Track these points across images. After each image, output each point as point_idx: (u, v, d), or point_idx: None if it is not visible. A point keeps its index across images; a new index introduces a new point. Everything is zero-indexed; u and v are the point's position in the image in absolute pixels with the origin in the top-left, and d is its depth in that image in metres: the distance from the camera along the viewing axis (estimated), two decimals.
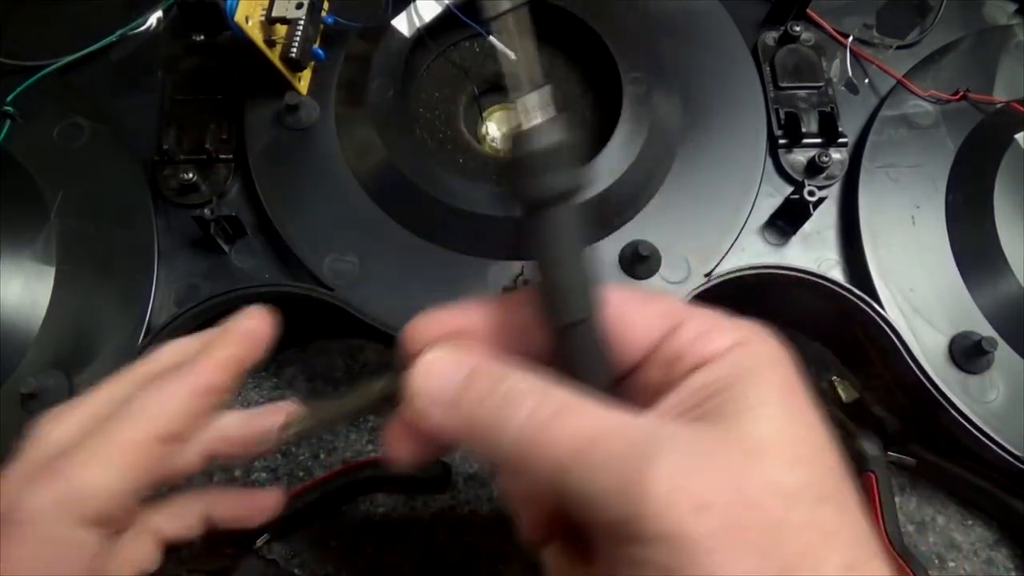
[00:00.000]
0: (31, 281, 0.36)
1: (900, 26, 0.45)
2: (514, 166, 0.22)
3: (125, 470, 0.22)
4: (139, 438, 0.23)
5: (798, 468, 0.18)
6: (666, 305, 0.22)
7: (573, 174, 0.21)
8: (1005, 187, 0.38)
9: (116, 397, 0.24)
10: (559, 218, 0.22)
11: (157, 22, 0.43)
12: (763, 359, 0.21)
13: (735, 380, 0.20)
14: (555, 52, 0.44)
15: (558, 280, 0.22)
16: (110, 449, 0.22)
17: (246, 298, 0.37)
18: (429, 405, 0.21)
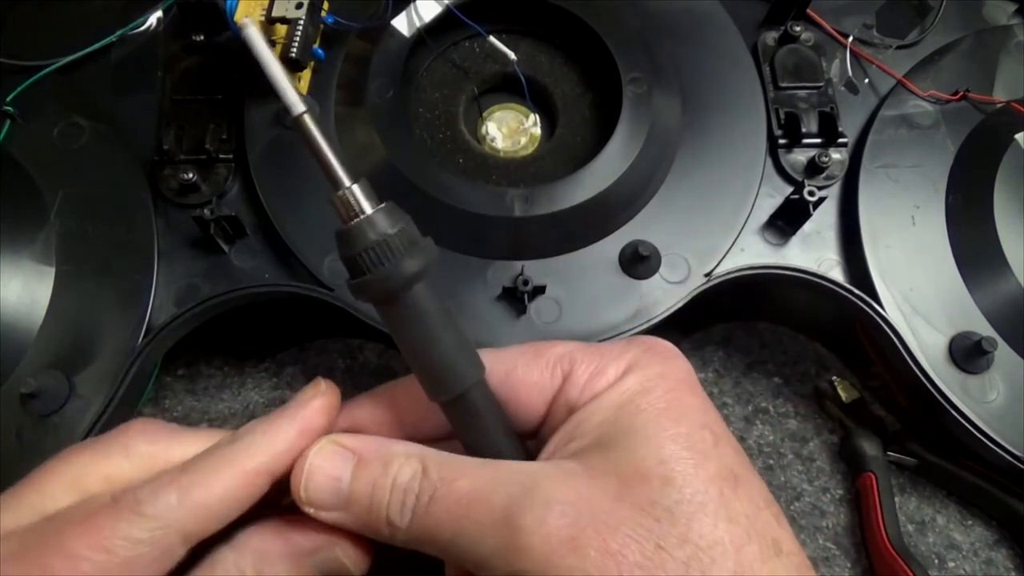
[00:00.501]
0: (31, 281, 0.36)
1: (900, 26, 0.45)
2: (350, 265, 0.22)
3: (234, 498, 0.22)
4: (252, 468, 0.22)
5: (670, 486, 0.19)
6: (556, 354, 0.23)
7: (413, 256, 0.22)
8: (1005, 187, 0.38)
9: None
10: (412, 302, 0.22)
11: (157, 22, 0.43)
12: (647, 381, 0.22)
13: (618, 410, 0.21)
14: (555, 52, 0.44)
15: (425, 362, 0.22)
16: (229, 471, 0.22)
17: (246, 298, 0.37)
18: (320, 512, 0.22)
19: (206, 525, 0.22)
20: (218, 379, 0.43)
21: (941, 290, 0.38)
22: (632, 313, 0.37)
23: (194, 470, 0.22)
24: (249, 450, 0.23)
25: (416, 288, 0.22)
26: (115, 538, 0.21)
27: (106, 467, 0.23)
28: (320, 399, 0.24)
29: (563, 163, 0.41)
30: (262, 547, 0.23)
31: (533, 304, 0.36)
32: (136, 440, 0.24)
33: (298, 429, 0.23)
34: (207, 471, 0.22)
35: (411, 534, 0.22)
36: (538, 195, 0.37)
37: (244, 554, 0.23)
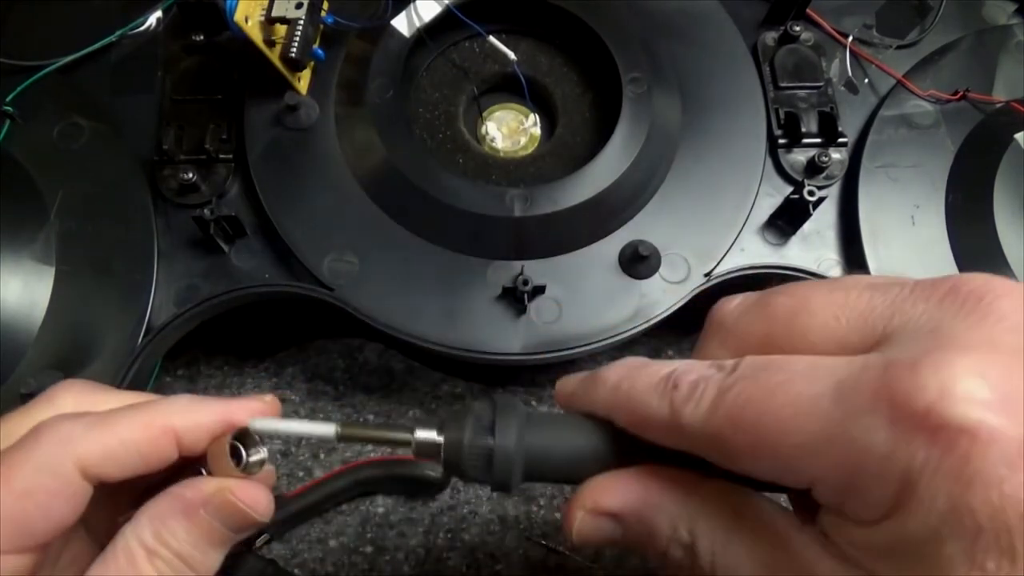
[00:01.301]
0: (31, 281, 0.36)
1: (900, 26, 0.45)
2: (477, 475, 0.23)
3: (136, 447, 0.22)
4: (159, 424, 0.22)
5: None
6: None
7: (503, 432, 0.22)
8: (1005, 187, 0.38)
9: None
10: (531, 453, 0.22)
11: (157, 22, 0.43)
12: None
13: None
14: (555, 52, 0.44)
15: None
16: (139, 420, 0.22)
17: (246, 298, 0.37)
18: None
19: (109, 467, 0.22)
20: (218, 379, 0.43)
21: None
22: (632, 313, 0.37)
23: (108, 414, 0.22)
24: (165, 410, 0.23)
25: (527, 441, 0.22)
26: (13, 469, 0.21)
27: (31, 422, 0.23)
28: (256, 403, 0.24)
29: (563, 163, 0.41)
30: (155, 511, 0.22)
31: (533, 304, 0.36)
32: (63, 397, 0.24)
33: (219, 412, 0.23)
34: (119, 416, 0.22)
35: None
36: (538, 195, 0.37)
37: (140, 522, 0.22)
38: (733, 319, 0.21)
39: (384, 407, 0.43)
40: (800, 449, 0.17)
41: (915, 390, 0.15)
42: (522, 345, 0.36)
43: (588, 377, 0.23)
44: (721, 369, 0.19)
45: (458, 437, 0.22)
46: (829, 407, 0.16)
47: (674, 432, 0.19)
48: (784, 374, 0.17)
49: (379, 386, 0.44)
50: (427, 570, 0.39)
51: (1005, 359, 0.15)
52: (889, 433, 0.15)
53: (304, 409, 0.42)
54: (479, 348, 0.36)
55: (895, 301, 0.18)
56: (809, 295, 0.20)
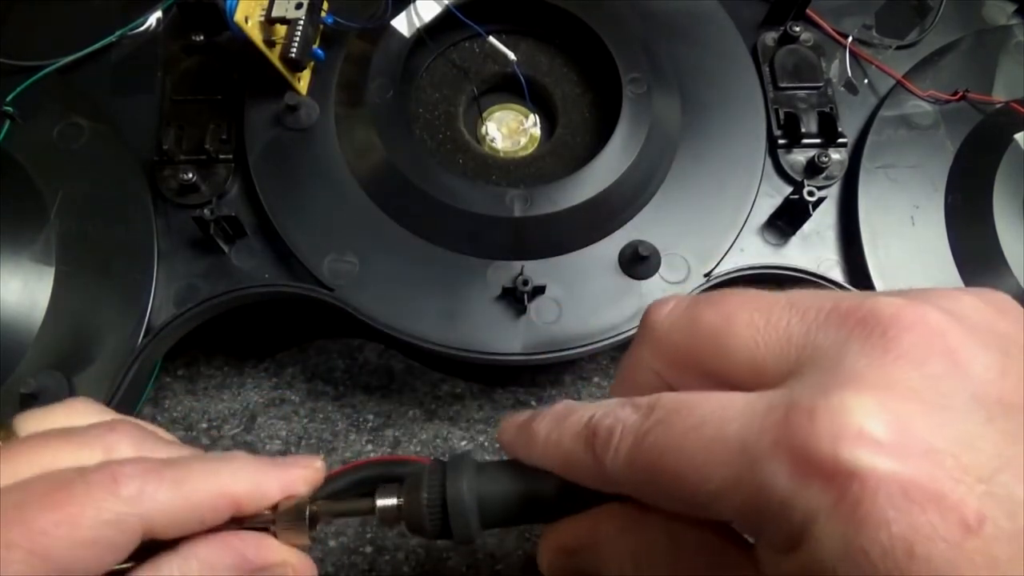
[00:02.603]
0: (31, 281, 0.36)
1: (899, 26, 0.45)
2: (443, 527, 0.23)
3: (202, 512, 0.22)
4: (230, 492, 0.22)
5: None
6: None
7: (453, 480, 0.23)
8: (1004, 187, 0.38)
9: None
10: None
11: (157, 22, 0.43)
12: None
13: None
14: (555, 52, 0.44)
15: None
16: (213, 482, 0.22)
17: (246, 298, 0.37)
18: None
19: (169, 526, 0.21)
20: (218, 379, 0.43)
21: None
22: (632, 313, 0.37)
23: (179, 468, 0.22)
24: (236, 474, 0.23)
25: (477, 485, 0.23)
26: (83, 515, 0.20)
27: (83, 451, 0.22)
28: (310, 471, 0.24)
29: (563, 163, 0.41)
30: (209, 557, 0.22)
31: (533, 304, 0.36)
32: (121, 441, 0.23)
33: (282, 483, 0.23)
34: (187, 476, 0.22)
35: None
36: (538, 195, 0.37)
37: (190, 560, 0.22)
38: (664, 329, 0.22)
39: (384, 407, 0.43)
40: (712, 494, 0.17)
41: (811, 436, 0.16)
42: (522, 345, 0.36)
43: (522, 427, 0.23)
44: (637, 410, 0.19)
45: (416, 499, 0.23)
46: (736, 453, 0.17)
47: (601, 479, 0.20)
48: (695, 418, 0.18)
49: (379, 386, 0.44)
50: (427, 570, 0.39)
51: (899, 399, 0.16)
52: (788, 478, 0.16)
53: (304, 409, 0.42)
54: (479, 348, 0.36)
55: (810, 328, 0.18)
56: (733, 313, 0.20)
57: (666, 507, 0.19)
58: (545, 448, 0.22)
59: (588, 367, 0.44)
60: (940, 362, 0.17)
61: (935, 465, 0.15)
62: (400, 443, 0.42)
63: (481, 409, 0.43)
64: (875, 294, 0.19)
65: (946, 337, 0.17)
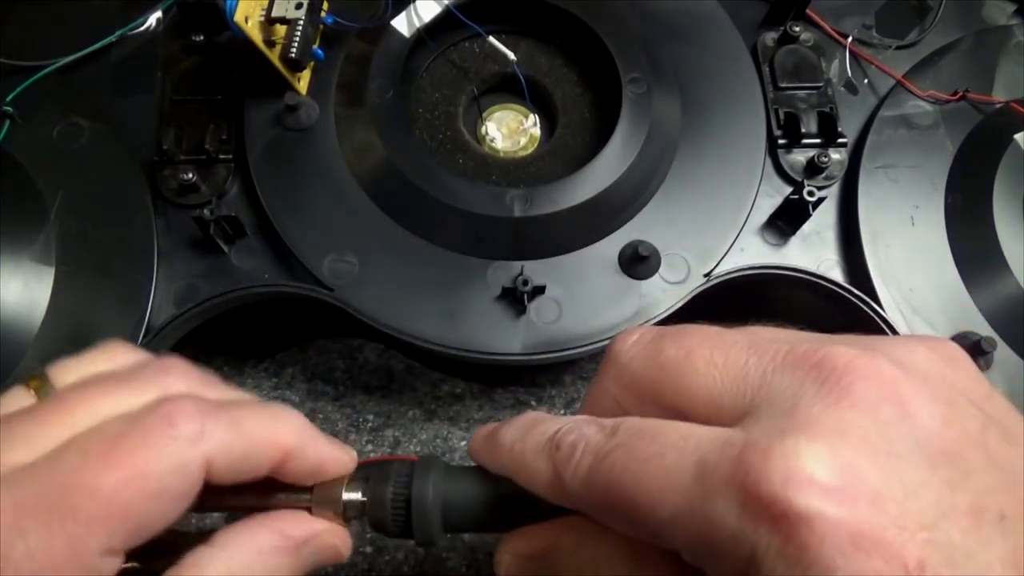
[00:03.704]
0: (30, 281, 0.36)
1: (899, 26, 0.45)
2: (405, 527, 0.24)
3: (259, 457, 0.22)
4: (282, 437, 0.22)
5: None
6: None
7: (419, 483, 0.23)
8: (1004, 187, 0.38)
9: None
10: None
11: (156, 22, 0.43)
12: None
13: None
14: (555, 52, 0.44)
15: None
16: (270, 423, 0.22)
17: (246, 298, 0.37)
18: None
19: (226, 471, 0.20)
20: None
21: (940, 290, 0.38)
22: (632, 313, 0.37)
23: (235, 409, 0.21)
24: (288, 425, 0.22)
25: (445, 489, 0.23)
26: (148, 466, 0.19)
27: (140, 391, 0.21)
28: (346, 459, 0.24)
29: (563, 163, 0.41)
30: (256, 544, 0.22)
31: (533, 304, 0.36)
32: (176, 380, 0.22)
33: (322, 452, 0.23)
34: (246, 418, 0.21)
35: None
36: (538, 195, 0.37)
37: (235, 553, 0.21)
38: (627, 359, 0.22)
39: (384, 407, 0.43)
40: (664, 521, 0.18)
41: (763, 477, 0.16)
42: (522, 345, 0.36)
43: (490, 436, 0.23)
44: (602, 430, 0.20)
45: (380, 495, 0.23)
46: (691, 484, 0.17)
47: (558, 493, 0.21)
48: (657, 445, 0.18)
49: (379, 386, 0.44)
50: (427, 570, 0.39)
51: (851, 445, 0.16)
52: (738, 516, 0.16)
53: (304, 409, 0.42)
54: (479, 348, 0.36)
55: (766, 370, 0.19)
56: (693, 349, 0.20)
57: (617, 529, 0.20)
58: (509, 457, 0.22)
59: (588, 367, 0.44)
60: (890, 410, 0.17)
61: (880, 512, 0.16)
62: (400, 443, 0.42)
63: (481, 409, 0.43)
64: (831, 339, 0.20)
65: (897, 387, 0.17)
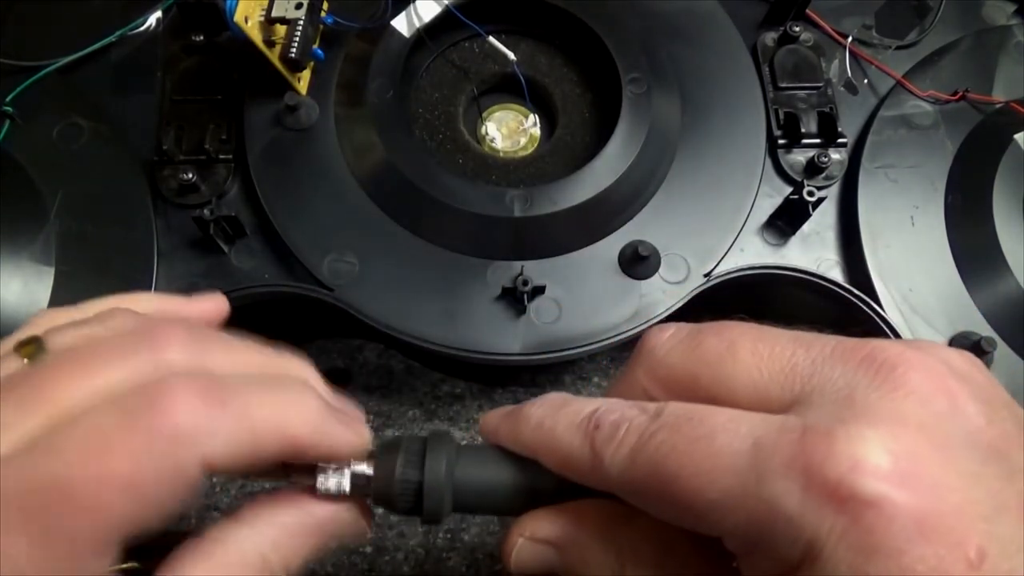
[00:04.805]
0: (30, 281, 0.36)
1: (899, 26, 0.45)
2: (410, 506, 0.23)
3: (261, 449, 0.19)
4: (289, 431, 0.20)
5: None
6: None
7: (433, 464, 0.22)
8: (1004, 187, 0.38)
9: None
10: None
11: (156, 22, 0.43)
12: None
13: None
14: (555, 52, 0.44)
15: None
16: (268, 423, 0.19)
17: (246, 298, 0.37)
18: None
19: (225, 464, 0.18)
20: None
21: (940, 290, 0.38)
22: (632, 313, 0.37)
23: (241, 395, 0.19)
24: (302, 415, 0.20)
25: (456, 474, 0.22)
26: (140, 474, 0.17)
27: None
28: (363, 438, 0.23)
29: (563, 163, 0.41)
30: (281, 521, 0.21)
31: (533, 304, 0.36)
32: (173, 347, 0.20)
33: (340, 440, 0.21)
34: (256, 407, 0.19)
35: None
36: (538, 195, 0.37)
37: (262, 529, 0.20)
38: (664, 352, 0.21)
39: (384, 407, 0.43)
40: (714, 504, 0.17)
41: (828, 460, 0.16)
42: (522, 345, 0.36)
43: (512, 413, 0.23)
44: (644, 412, 0.19)
45: (389, 470, 0.22)
46: (746, 465, 0.17)
47: (595, 474, 0.20)
48: (706, 427, 0.18)
49: (379, 386, 0.44)
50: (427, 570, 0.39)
51: (911, 433, 0.16)
52: (800, 498, 0.16)
53: None
54: (479, 348, 0.36)
55: (815, 360, 0.19)
56: (737, 341, 0.20)
57: (656, 513, 0.19)
58: (536, 434, 0.21)
59: (588, 367, 0.44)
60: (943, 403, 0.17)
61: (943, 500, 0.16)
62: None
63: (481, 409, 0.43)
64: (874, 339, 0.19)
65: (947, 381, 0.18)
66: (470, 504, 0.23)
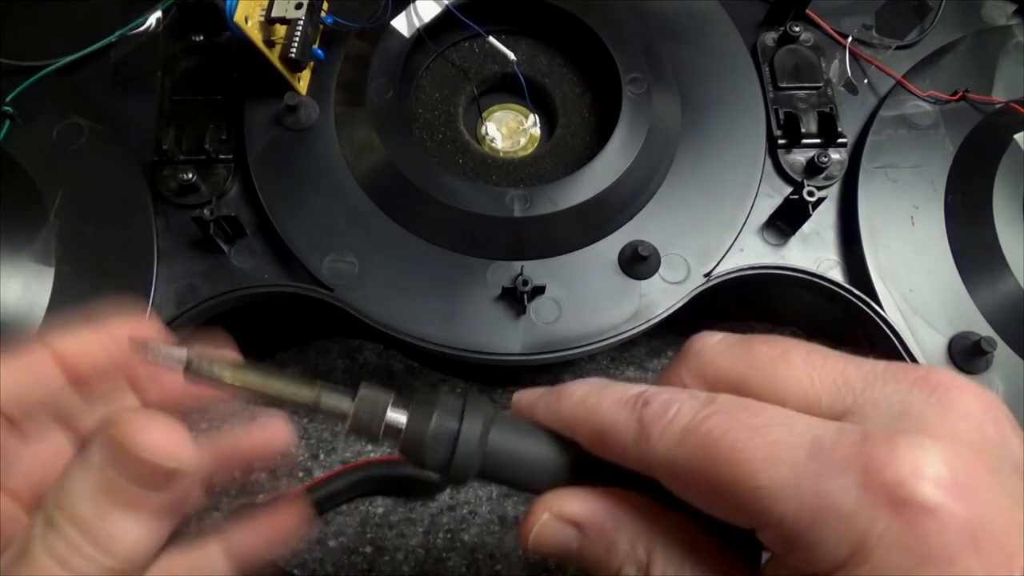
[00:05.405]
0: (31, 281, 0.36)
1: (899, 26, 0.45)
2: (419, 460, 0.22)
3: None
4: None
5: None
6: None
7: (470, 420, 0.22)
8: (1004, 187, 0.38)
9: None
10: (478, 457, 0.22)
11: (156, 22, 0.43)
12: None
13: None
14: (555, 52, 0.44)
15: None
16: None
17: (246, 298, 0.37)
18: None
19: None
20: None
21: (940, 290, 0.38)
22: (632, 313, 0.37)
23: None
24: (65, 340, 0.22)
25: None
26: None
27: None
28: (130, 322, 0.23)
29: (563, 163, 0.41)
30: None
31: (533, 304, 0.36)
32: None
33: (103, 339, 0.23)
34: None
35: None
36: (537, 195, 0.37)
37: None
38: (714, 353, 0.22)
39: None
40: (763, 491, 0.17)
41: (890, 463, 0.16)
42: (522, 345, 0.36)
43: (551, 390, 0.23)
44: (695, 398, 0.19)
45: (424, 421, 0.22)
46: (804, 458, 0.17)
47: (638, 450, 0.20)
48: (762, 418, 0.18)
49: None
50: (427, 570, 0.39)
51: (968, 451, 0.17)
52: (857, 495, 0.16)
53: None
54: (479, 348, 0.36)
55: (868, 376, 0.19)
56: (790, 350, 0.20)
57: (694, 498, 0.19)
58: (579, 407, 0.21)
59: (588, 367, 0.45)
60: (993, 430, 0.18)
61: (995, 518, 0.16)
62: None
63: None
64: (923, 365, 0.20)
65: (996, 411, 0.18)
66: (497, 471, 0.22)
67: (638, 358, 0.45)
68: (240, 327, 0.42)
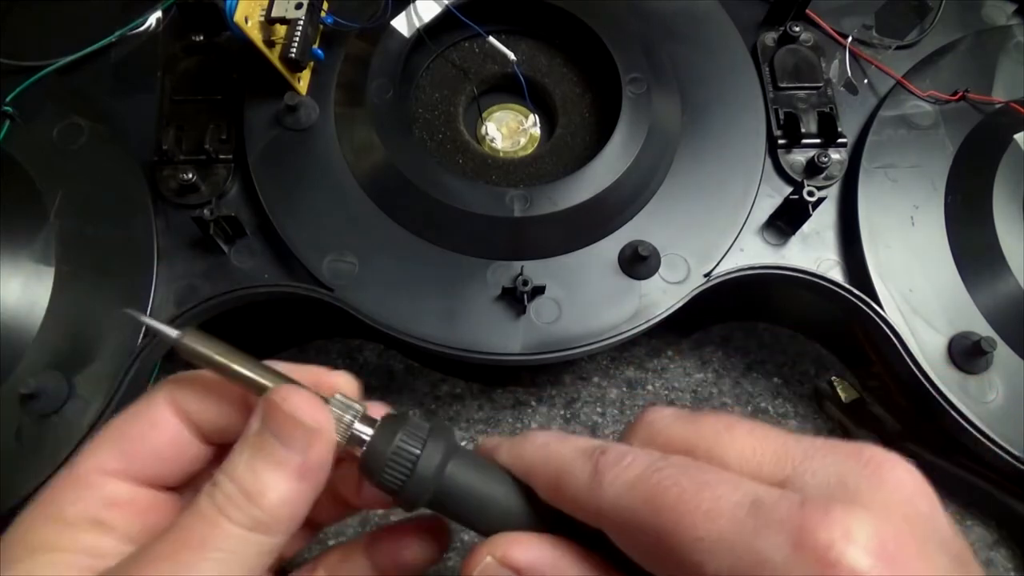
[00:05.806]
0: (30, 281, 0.36)
1: (899, 26, 0.45)
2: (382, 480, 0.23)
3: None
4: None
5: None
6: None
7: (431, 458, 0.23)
8: (1004, 187, 0.38)
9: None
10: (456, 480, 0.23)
11: (156, 22, 0.43)
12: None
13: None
14: (555, 52, 0.44)
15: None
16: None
17: (246, 298, 0.37)
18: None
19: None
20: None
21: (940, 290, 0.38)
22: (632, 313, 0.37)
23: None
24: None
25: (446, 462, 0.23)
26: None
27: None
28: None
29: (563, 163, 0.41)
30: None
31: (533, 304, 0.36)
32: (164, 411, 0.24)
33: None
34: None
35: None
36: (537, 195, 0.37)
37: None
38: (665, 423, 0.23)
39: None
40: (702, 543, 0.18)
41: (823, 526, 0.17)
42: (522, 345, 0.36)
43: (515, 437, 0.24)
44: (651, 455, 0.21)
45: (387, 440, 0.22)
46: (744, 515, 0.18)
47: (590, 495, 0.21)
48: (710, 476, 0.20)
49: (379, 386, 0.44)
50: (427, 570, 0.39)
51: (898, 522, 0.18)
52: (788, 554, 0.17)
53: None
54: (479, 348, 0.36)
55: (807, 449, 0.20)
56: (735, 423, 0.22)
57: (636, 549, 0.20)
58: (539, 450, 0.23)
59: (588, 367, 0.45)
60: (924, 505, 0.19)
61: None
62: None
63: (481, 409, 0.43)
64: (857, 442, 0.21)
65: (925, 487, 0.20)
66: (450, 503, 0.23)
67: (638, 358, 0.45)
68: (240, 327, 0.42)
